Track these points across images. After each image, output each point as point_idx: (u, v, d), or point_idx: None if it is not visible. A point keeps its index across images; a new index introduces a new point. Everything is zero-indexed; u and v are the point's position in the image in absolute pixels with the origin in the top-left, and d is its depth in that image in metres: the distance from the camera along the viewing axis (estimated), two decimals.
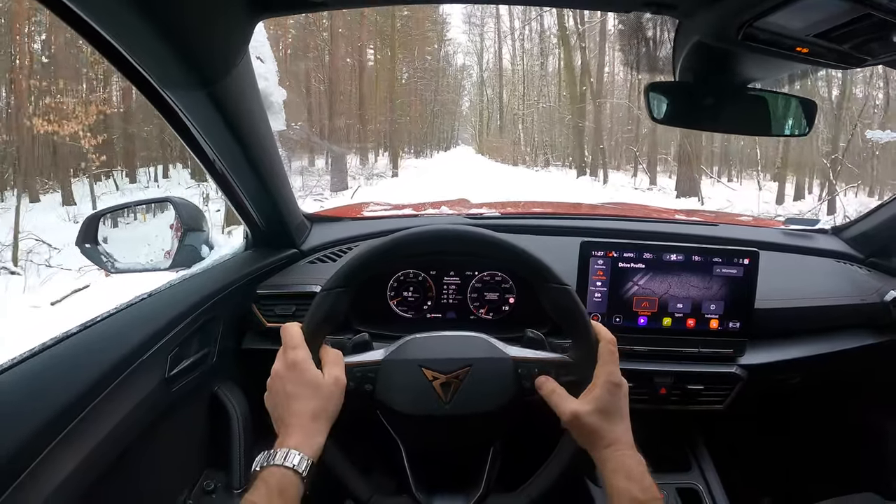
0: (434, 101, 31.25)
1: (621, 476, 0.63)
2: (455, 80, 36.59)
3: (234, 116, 0.76)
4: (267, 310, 1.06)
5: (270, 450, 0.62)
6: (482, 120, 40.92)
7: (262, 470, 0.60)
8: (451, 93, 35.80)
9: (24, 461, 0.57)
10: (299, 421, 0.64)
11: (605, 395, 0.67)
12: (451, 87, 35.84)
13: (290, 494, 0.59)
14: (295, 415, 0.64)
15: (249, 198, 0.98)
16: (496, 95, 37.64)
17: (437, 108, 32.63)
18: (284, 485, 0.59)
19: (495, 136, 36.60)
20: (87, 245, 1.05)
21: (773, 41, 0.75)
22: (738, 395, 1.06)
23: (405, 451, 0.76)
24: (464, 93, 40.30)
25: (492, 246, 0.74)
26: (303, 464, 0.60)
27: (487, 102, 39.65)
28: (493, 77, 37.53)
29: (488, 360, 0.73)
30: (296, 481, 0.59)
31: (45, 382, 0.64)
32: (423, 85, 28.94)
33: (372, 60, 22.14)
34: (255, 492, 0.58)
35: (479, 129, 42.32)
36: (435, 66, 30.09)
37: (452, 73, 35.67)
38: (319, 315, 0.70)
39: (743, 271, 1.04)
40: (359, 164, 17.21)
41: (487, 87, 38.97)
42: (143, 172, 13.90)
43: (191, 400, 0.92)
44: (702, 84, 0.89)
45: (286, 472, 0.59)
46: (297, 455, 0.60)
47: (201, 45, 0.62)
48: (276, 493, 0.58)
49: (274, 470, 0.59)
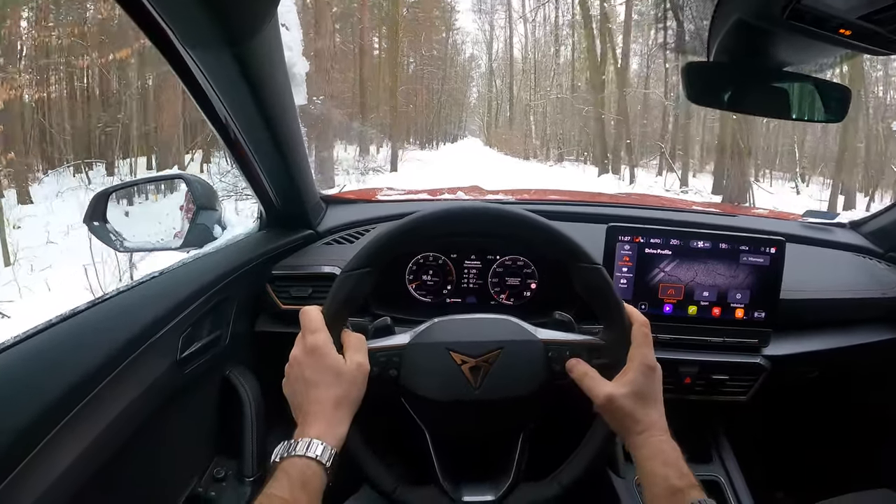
0: (441, 90, 30.26)
1: (658, 462, 0.61)
2: (463, 69, 35.41)
3: (258, 83, 0.73)
4: (282, 291, 1.03)
5: (290, 439, 0.58)
6: (490, 111, 38.81)
7: (282, 461, 0.57)
8: (458, 82, 34.68)
9: (30, 443, 0.54)
10: (321, 409, 0.60)
11: (640, 377, 0.65)
12: (459, 76, 34.79)
13: (313, 486, 0.55)
14: (316, 402, 0.61)
15: (267, 172, 0.95)
16: (506, 86, 35.61)
17: (444, 98, 31.53)
18: (307, 476, 0.55)
19: (505, 128, 34.49)
20: (95, 223, 1.01)
21: (818, 20, 0.73)
22: (761, 386, 1.05)
23: (431, 438, 0.72)
24: (472, 83, 38.88)
25: (522, 224, 0.71)
26: (326, 454, 0.57)
27: (497, 93, 38.07)
28: (502, 67, 36.09)
29: (519, 343, 0.70)
30: (319, 472, 0.56)
31: (50, 362, 0.61)
32: (430, 73, 28.00)
33: (377, 48, 21.18)
34: (275, 484, 0.54)
35: (487, 120, 39.87)
36: (443, 53, 29.09)
37: (461, 62, 34.66)
38: (340, 297, 0.66)
39: (769, 260, 1.02)
40: (357, 157, 15.51)
41: (497, 78, 37.51)
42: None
43: (202, 383, 0.89)
44: (738, 66, 0.88)
45: (309, 463, 0.56)
46: (320, 445, 0.57)
47: (232, 3, 0.59)
48: (298, 486, 0.54)
49: (296, 461, 0.56)
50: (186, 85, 0.73)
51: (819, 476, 1.28)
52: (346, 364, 0.63)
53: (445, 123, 34.93)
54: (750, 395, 1.05)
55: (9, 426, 0.53)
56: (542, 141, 27.53)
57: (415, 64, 26.82)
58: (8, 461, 0.52)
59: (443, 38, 28.47)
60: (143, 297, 0.79)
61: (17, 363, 0.59)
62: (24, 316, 4.06)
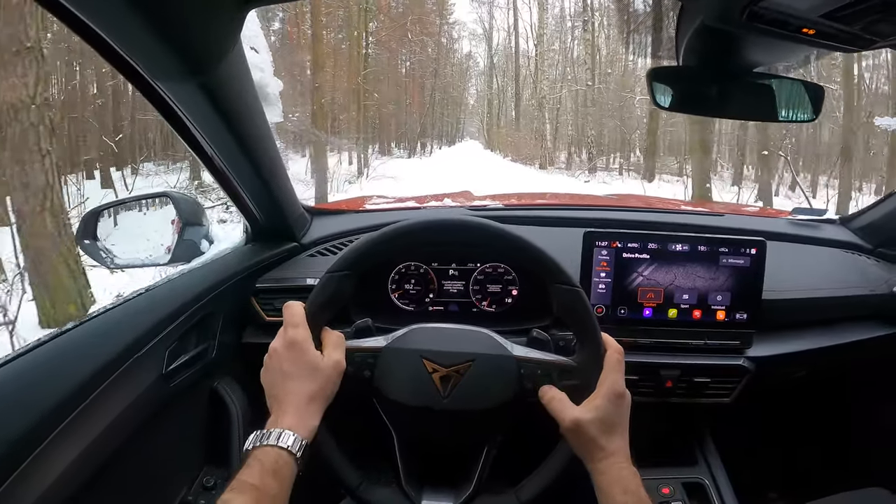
0: (434, 85, 26.45)
1: (618, 489, 0.62)
2: (460, 66, 32.11)
3: (229, 108, 0.75)
4: (266, 303, 1.05)
5: (263, 430, 0.61)
6: (492, 110, 34.61)
7: (254, 449, 0.60)
8: (454, 77, 31.46)
9: (20, 457, 0.56)
10: (294, 401, 0.63)
11: (607, 405, 0.65)
12: (456, 72, 31.60)
13: (283, 474, 0.58)
14: (291, 394, 0.64)
15: (247, 191, 0.97)
16: (510, 79, 30.49)
17: (438, 97, 28.18)
18: (279, 465, 0.58)
19: (509, 128, 29.41)
20: (86, 241, 1.04)
21: (778, 22, 0.73)
22: (745, 388, 1.04)
23: (398, 441, 0.75)
24: (470, 82, 35.45)
25: (502, 239, 0.72)
26: (297, 445, 0.60)
27: (499, 89, 33.92)
28: (504, 61, 31.65)
29: (491, 357, 0.72)
30: (290, 462, 0.59)
31: (38, 379, 0.64)
32: (420, 64, 24.35)
33: (341, 36, 17.78)
34: (247, 471, 0.58)
35: (487, 120, 35.61)
36: (436, 52, 26.03)
37: (458, 59, 31.48)
38: (323, 296, 0.70)
39: (750, 261, 1.01)
40: (308, 172, 11.96)
41: (498, 73, 33.29)
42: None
43: (190, 395, 0.92)
44: (706, 69, 0.87)
45: (280, 453, 0.59)
46: (292, 436, 0.60)
47: (191, 35, 0.61)
48: (269, 473, 0.57)
49: (268, 450, 0.59)
50: (161, 112, 0.75)
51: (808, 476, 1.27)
52: (323, 360, 0.66)
53: (441, 125, 32.05)
54: (734, 397, 1.04)
55: (2, 437, 0.55)
56: (561, 144, 22.70)
57: (409, 63, 24.12)
58: (0, 471, 0.54)
59: (435, 28, 25.35)
60: (128, 314, 0.82)
61: (10, 379, 0.62)
62: None
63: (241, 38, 0.70)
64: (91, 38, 0.59)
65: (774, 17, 0.71)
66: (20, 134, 3.75)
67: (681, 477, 1.06)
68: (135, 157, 13.51)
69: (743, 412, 1.10)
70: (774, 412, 1.26)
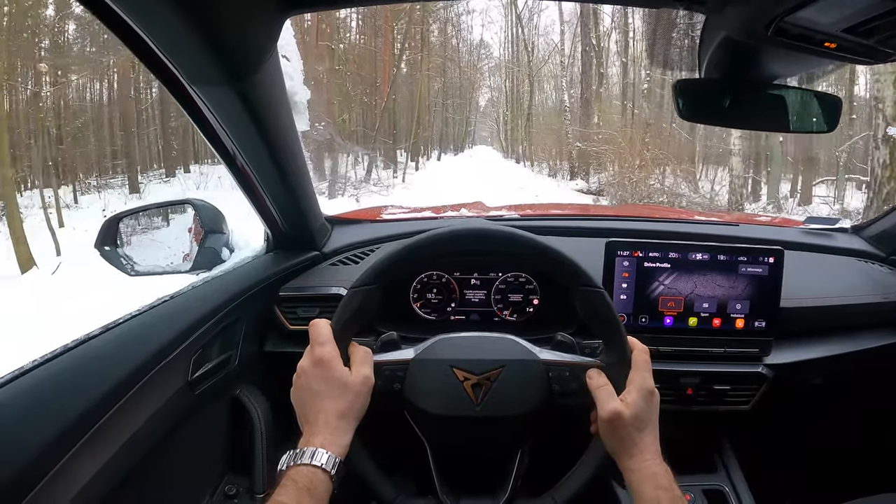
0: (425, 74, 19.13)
1: (650, 485, 0.62)
2: (470, 54, 25.25)
3: (262, 114, 0.76)
4: (289, 312, 1.05)
5: (296, 449, 0.61)
6: (513, 105, 25.83)
7: (288, 469, 0.59)
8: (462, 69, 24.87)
9: (46, 466, 0.56)
10: (325, 419, 0.63)
11: (640, 401, 0.66)
12: (466, 63, 25.02)
13: (319, 493, 0.58)
14: (321, 412, 0.63)
15: (272, 198, 0.98)
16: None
17: (449, 102, 23.21)
18: (314, 483, 0.58)
19: (539, 123, 20.76)
20: (106, 248, 1.04)
21: (802, 36, 0.74)
22: (763, 395, 1.05)
23: (431, 452, 0.75)
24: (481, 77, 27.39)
25: (524, 246, 0.73)
26: (330, 462, 0.59)
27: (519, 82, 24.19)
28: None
29: (520, 362, 0.72)
30: (325, 480, 0.59)
31: (65, 386, 0.63)
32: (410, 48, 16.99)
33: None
34: (282, 490, 0.57)
35: (507, 118, 27.32)
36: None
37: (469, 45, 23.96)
38: (349, 312, 0.69)
39: (768, 270, 1.03)
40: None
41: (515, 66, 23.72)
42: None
43: (213, 403, 0.91)
44: (728, 81, 0.89)
45: (315, 471, 0.58)
46: (325, 454, 0.60)
47: (232, 42, 0.62)
48: (304, 492, 0.57)
49: (302, 469, 0.59)
50: (193, 119, 0.76)
51: (827, 483, 1.27)
52: (351, 376, 0.65)
53: (443, 125, 25.73)
54: (753, 405, 1.05)
55: (30, 445, 0.55)
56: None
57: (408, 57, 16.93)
58: (28, 480, 0.54)
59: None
60: (154, 320, 0.82)
61: (38, 386, 0.62)
62: None
63: (276, 46, 0.71)
64: (133, 43, 0.60)
65: (799, 31, 0.73)
66: None
67: (701, 484, 1.06)
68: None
69: (761, 419, 1.10)
70: (792, 419, 1.27)
